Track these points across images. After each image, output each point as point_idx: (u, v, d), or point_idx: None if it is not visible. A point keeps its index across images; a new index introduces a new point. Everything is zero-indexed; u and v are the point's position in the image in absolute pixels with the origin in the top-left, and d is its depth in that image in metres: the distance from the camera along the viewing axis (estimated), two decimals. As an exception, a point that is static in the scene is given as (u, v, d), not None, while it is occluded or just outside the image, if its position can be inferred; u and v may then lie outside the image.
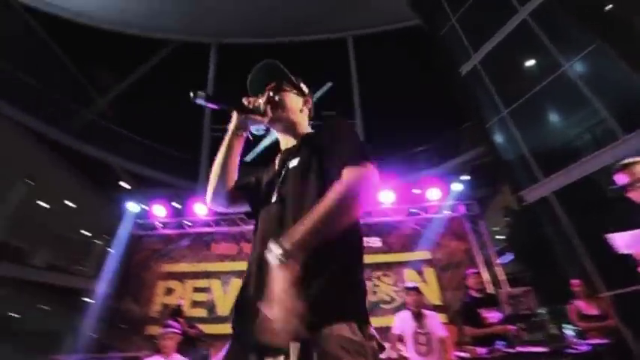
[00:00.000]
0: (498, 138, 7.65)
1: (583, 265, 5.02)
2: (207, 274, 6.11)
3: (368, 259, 3.20)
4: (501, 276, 5.25)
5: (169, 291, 5.93)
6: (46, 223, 9.98)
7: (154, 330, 5.05)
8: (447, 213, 6.27)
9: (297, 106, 1.18)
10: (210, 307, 5.77)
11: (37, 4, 11.14)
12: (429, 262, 5.64)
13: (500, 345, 3.16)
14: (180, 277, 6.12)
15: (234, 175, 1.12)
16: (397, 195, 6.52)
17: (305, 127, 1.19)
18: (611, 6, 7.35)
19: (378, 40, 14.37)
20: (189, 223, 6.94)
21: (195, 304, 5.72)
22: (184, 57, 14.84)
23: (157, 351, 3.45)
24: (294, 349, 0.72)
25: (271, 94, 1.13)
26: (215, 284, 6.02)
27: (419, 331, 3.45)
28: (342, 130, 1.01)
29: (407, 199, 6.74)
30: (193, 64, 15.01)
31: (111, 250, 7.02)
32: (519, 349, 3.08)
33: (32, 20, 10.50)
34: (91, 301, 6.02)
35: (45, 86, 9.63)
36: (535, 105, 7.12)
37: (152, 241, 6.68)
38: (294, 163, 1.02)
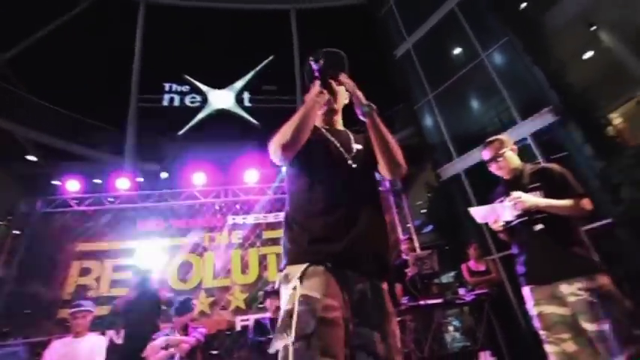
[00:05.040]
0: (424, 119, 8.26)
1: (482, 233, 5.82)
2: (132, 252, 5.80)
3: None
4: (417, 243, 5.87)
5: (85, 271, 5.52)
6: None
7: (67, 313, 4.71)
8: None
9: (344, 100, 1.43)
10: (134, 285, 5.53)
11: None
12: (355, 233, 6.04)
13: (405, 300, 3.58)
14: (100, 255, 5.72)
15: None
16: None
17: (341, 115, 1.46)
18: (525, 4, 8.20)
19: (321, 15, 14.19)
20: (111, 199, 6.45)
21: (115, 283, 5.43)
22: (109, 14, 13.11)
23: (70, 332, 3.27)
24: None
25: (336, 85, 1.36)
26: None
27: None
28: None
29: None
30: (119, 23, 13.36)
31: (15, 232, 6.25)
32: (420, 302, 3.53)
33: None
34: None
35: None
36: (456, 91, 7.79)
37: (65, 218, 6.08)
38: (358, 146, 1.33)
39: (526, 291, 1.86)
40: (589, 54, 8.47)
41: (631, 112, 8.04)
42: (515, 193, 1.82)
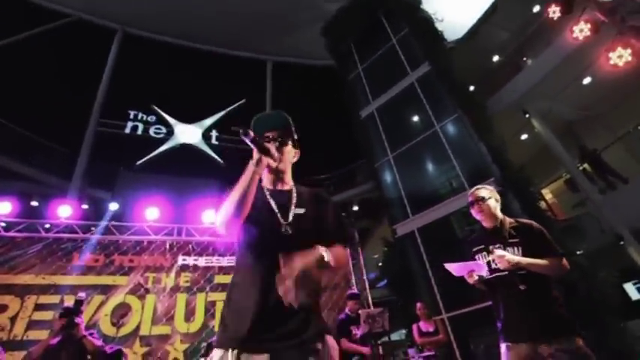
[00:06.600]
0: (384, 177, 8.77)
1: (432, 291, 6.03)
2: (61, 289, 5.17)
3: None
4: (369, 299, 5.90)
5: (0, 308, 4.79)
6: None
7: (-34, 358, 3.97)
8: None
9: (292, 158, 1.40)
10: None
11: None
12: (310, 284, 5.91)
13: (355, 360, 3.52)
14: (21, 291, 5.01)
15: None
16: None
17: (290, 173, 1.40)
18: (473, 88, 9.46)
19: (296, 70, 15.18)
20: (47, 226, 5.85)
21: (34, 324, 4.73)
22: (80, 37, 12.98)
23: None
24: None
25: (278, 144, 1.32)
26: (70, 301, 5.11)
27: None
28: (341, 217, 1.40)
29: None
30: (92, 45, 13.20)
31: None
32: (370, 362, 3.48)
33: None
34: None
35: None
36: (413, 154, 8.47)
37: (-14, 244, 5.36)
38: (299, 211, 1.27)
39: (503, 348, 1.85)
40: (524, 136, 9.80)
41: (559, 190, 9.21)
42: (499, 251, 1.89)
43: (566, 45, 7.12)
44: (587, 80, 8.21)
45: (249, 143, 1.18)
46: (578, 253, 6.18)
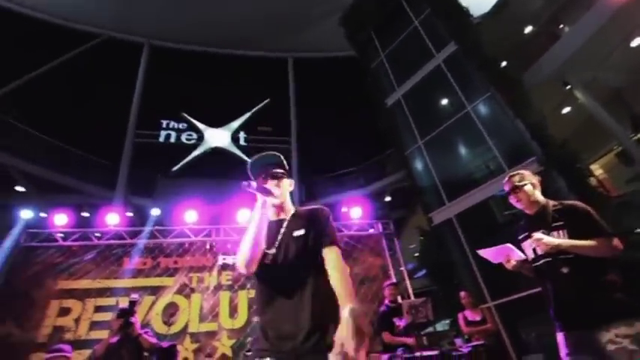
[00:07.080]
0: (415, 164, 8.53)
1: (475, 279, 5.80)
2: (115, 292, 5.55)
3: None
4: (410, 289, 5.80)
5: (65, 311, 5.21)
6: None
7: (40, 357, 4.39)
8: (370, 231, 6.72)
9: (288, 188, 1.53)
10: (115, 328, 5.21)
11: None
12: (347, 277, 5.91)
13: (400, 351, 3.47)
14: (81, 294, 5.44)
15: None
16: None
17: (289, 201, 1.54)
18: (505, 63, 8.91)
19: (317, 64, 15.08)
20: (98, 235, 6.28)
21: (95, 324, 5.12)
22: (111, 55, 13.71)
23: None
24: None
25: (277, 181, 1.47)
26: (124, 302, 5.48)
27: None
28: (329, 221, 1.48)
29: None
30: (122, 61, 13.92)
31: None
32: (416, 353, 3.42)
33: None
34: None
35: None
36: (445, 138, 8.15)
37: (49, 254, 5.85)
38: (299, 232, 1.39)
39: (560, 337, 1.75)
40: (567, 109, 9.11)
41: (611, 164, 8.50)
42: (537, 235, 1.79)
43: (610, 4, 6.50)
44: (636, 42, 7.45)
45: (254, 192, 1.35)
46: (636, 231, 5.67)
